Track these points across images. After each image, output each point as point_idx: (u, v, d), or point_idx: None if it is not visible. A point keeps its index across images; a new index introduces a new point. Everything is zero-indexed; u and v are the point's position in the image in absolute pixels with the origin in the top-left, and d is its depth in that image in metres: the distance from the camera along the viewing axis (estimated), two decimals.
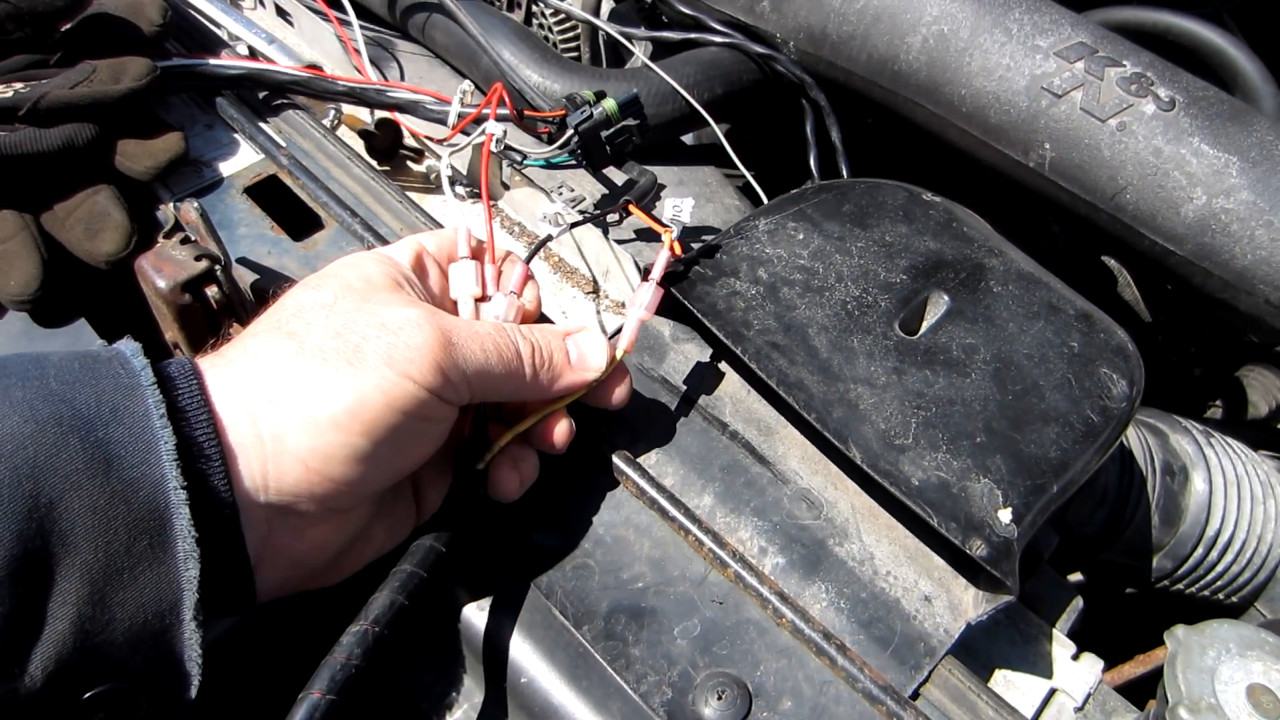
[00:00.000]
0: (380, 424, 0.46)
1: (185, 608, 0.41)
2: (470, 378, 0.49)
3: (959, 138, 0.92)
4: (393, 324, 0.48)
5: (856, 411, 0.57)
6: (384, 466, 0.47)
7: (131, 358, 0.44)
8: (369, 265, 0.52)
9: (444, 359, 0.48)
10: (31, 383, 0.41)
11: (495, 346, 0.51)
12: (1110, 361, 0.63)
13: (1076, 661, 0.62)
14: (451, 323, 0.50)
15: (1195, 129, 0.80)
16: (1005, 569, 0.52)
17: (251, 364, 0.46)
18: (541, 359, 0.53)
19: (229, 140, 0.76)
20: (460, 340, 0.49)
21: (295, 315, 0.48)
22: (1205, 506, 0.87)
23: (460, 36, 0.96)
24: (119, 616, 0.39)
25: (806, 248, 0.65)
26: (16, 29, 0.67)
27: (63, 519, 0.38)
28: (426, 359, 0.47)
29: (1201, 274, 0.82)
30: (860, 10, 0.92)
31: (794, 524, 0.58)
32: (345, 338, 0.47)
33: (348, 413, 0.45)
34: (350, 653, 0.45)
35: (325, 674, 0.44)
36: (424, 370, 0.47)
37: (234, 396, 0.45)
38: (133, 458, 0.40)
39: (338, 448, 0.45)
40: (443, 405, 0.48)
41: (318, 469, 0.45)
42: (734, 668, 0.53)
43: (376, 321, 0.48)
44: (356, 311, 0.48)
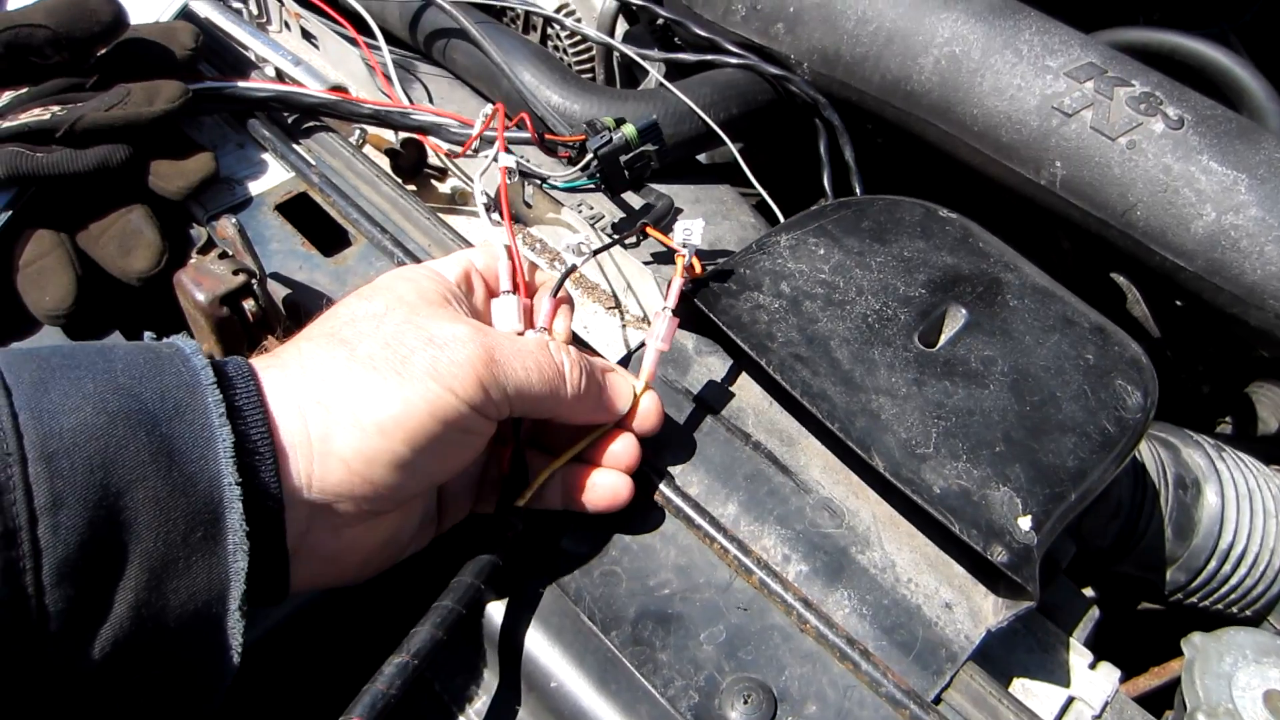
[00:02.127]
0: (422, 433, 0.47)
1: (232, 598, 0.43)
2: (510, 395, 0.51)
3: (971, 156, 0.94)
4: (440, 339, 0.50)
5: (878, 421, 0.58)
6: (422, 473, 0.49)
7: (191, 355, 0.46)
8: (420, 280, 0.54)
9: (486, 375, 0.49)
10: (101, 376, 0.42)
11: (538, 365, 0.53)
12: (1125, 373, 0.64)
13: (1094, 670, 0.63)
14: (496, 339, 0.52)
15: (1204, 147, 0.81)
16: (1025, 574, 0.53)
17: (305, 367, 0.48)
18: (582, 377, 0.55)
19: (259, 159, 0.78)
20: (503, 358, 0.51)
21: (348, 324, 0.51)
22: (1218, 520, 0.87)
23: (481, 59, 0.98)
24: (172, 603, 0.41)
25: (827, 262, 0.66)
26: (55, 53, 0.69)
27: (129, 508, 0.40)
28: (469, 375, 0.49)
29: (1212, 289, 0.83)
30: (873, 32, 0.94)
31: (816, 532, 0.59)
32: (394, 349, 0.49)
33: (393, 420, 0.47)
34: (391, 683, 0.46)
35: (367, 700, 0.45)
36: (466, 385, 0.49)
37: (287, 397, 0.47)
38: (193, 453, 0.42)
39: (381, 452, 0.47)
40: (481, 419, 0.50)
41: (360, 471, 0.47)
42: (759, 672, 0.54)
43: (425, 336, 0.50)
44: (406, 324, 0.50)
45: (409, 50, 1.09)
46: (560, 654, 0.54)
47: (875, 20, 0.94)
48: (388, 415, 0.47)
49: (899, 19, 0.93)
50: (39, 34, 0.65)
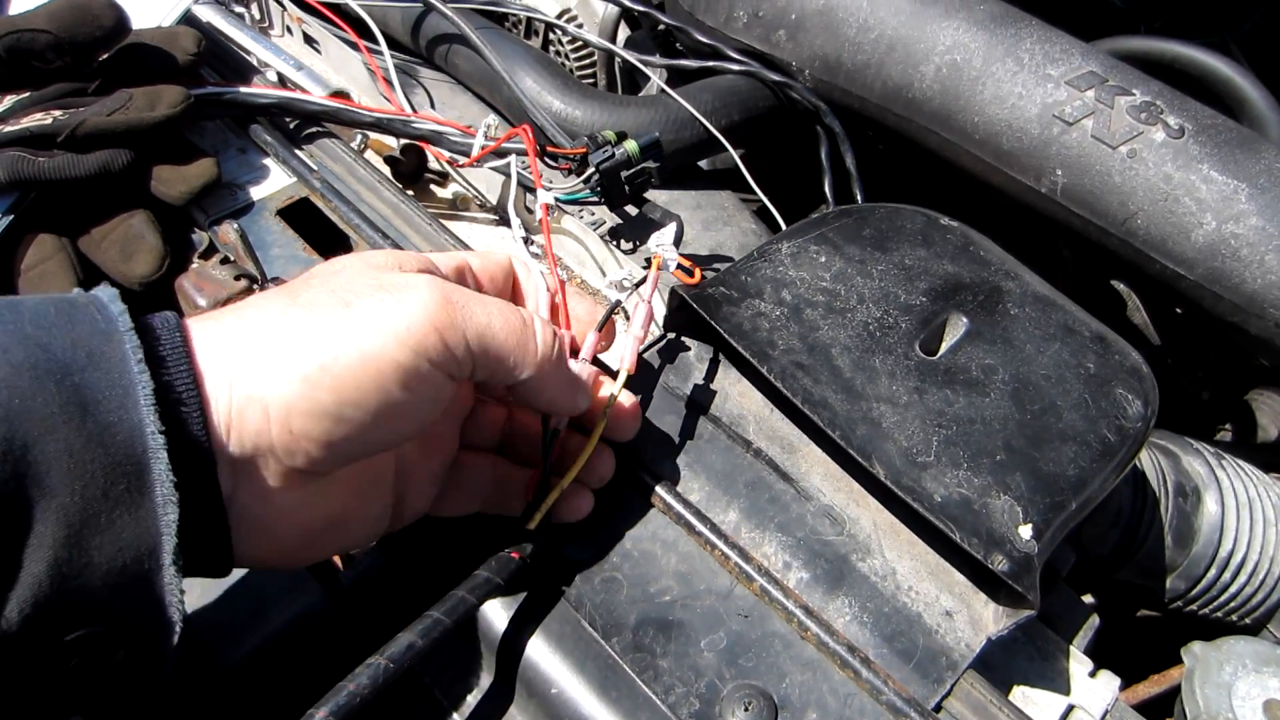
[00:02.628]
0: (352, 381, 0.44)
1: (165, 552, 0.40)
2: (472, 344, 0.47)
3: (971, 164, 0.94)
4: (391, 285, 0.46)
5: (879, 429, 0.58)
6: (353, 431, 0.45)
7: (109, 303, 0.43)
8: (400, 253, 0.52)
9: (442, 319, 0.46)
10: (6, 327, 0.40)
11: (502, 314, 0.49)
12: (1125, 382, 0.64)
13: (1094, 679, 0.63)
14: (455, 287, 0.48)
15: (1204, 156, 0.82)
16: (1026, 583, 0.53)
17: (241, 316, 0.45)
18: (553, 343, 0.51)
19: (261, 164, 0.78)
20: (462, 300, 0.47)
21: (301, 281, 0.48)
22: (1218, 528, 0.87)
23: (483, 65, 0.98)
24: (97, 560, 0.39)
25: (828, 270, 0.66)
26: (57, 58, 0.69)
27: (38, 462, 0.38)
28: (421, 319, 0.45)
29: (1212, 298, 0.84)
30: (875, 40, 0.95)
31: (817, 540, 0.59)
32: (338, 294, 0.46)
33: (319, 365, 0.43)
34: (360, 684, 0.45)
35: (332, 698, 0.45)
36: (415, 330, 0.45)
37: (214, 345, 0.44)
38: (110, 402, 0.40)
39: (302, 399, 0.43)
40: (435, 373, 0.46)
41: (281, 420, 0.43)
42: (760, 680, 0.54)
43: (375, 283, 0.46)
44: (360, 275, 0.47)
45: (411, 55, 1.10)
46: (560, 660, 0.54)
47: (877, 28, 0.95)
48: (313, 360, 0.43)
49: (900, 27, 0.93)
50: (41, 39, 0.65)
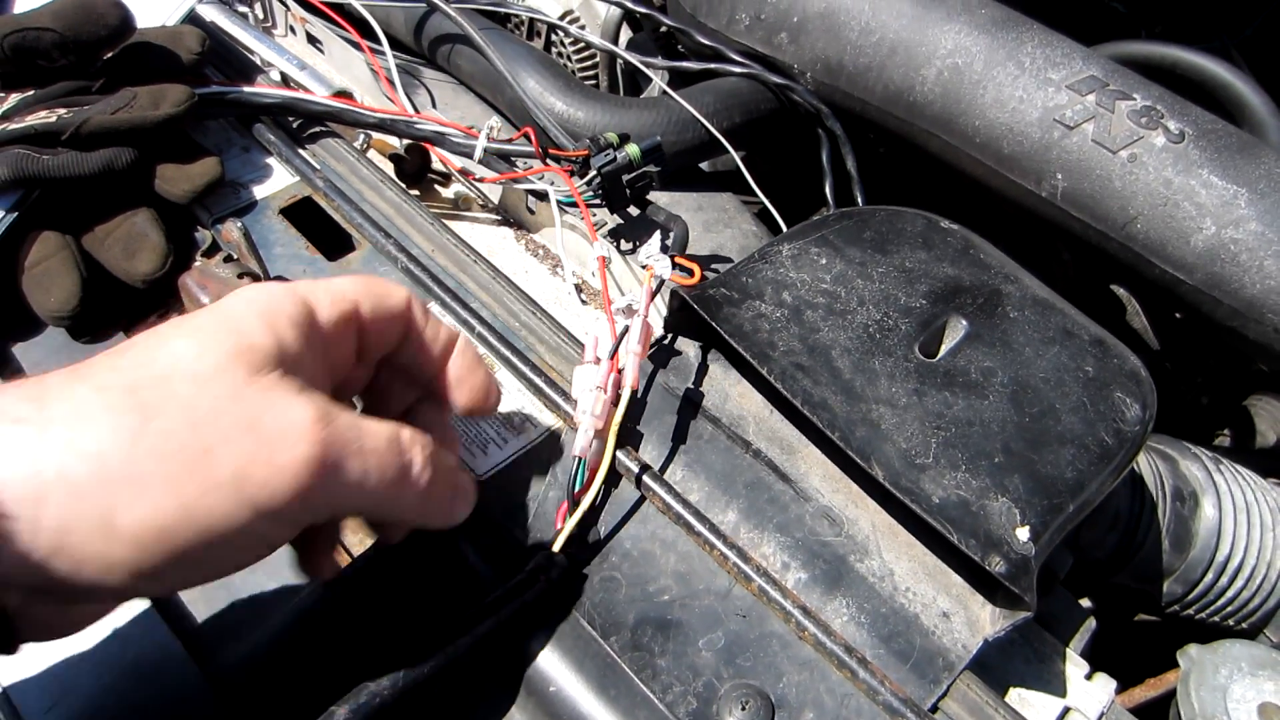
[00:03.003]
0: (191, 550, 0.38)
1: None
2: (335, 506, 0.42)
3: (972, 167, 0.94)
4: (266, 428, 0.39)
5: (878, 431, 0.58)
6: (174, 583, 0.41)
7: None
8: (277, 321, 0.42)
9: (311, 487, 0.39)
10: None
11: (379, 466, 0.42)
12: (1124, 386, 0.65)
13: (1090, 681, 0.63)
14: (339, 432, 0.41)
15: (1205, 161, 0.82)
16: (1023, 585, 0.53)
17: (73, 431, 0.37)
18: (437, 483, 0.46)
19: (264, 163, 0.78)
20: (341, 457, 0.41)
21: (161, 381, 0.39)
22: (1215, 532, 0.88)
23: (485, 66, 0.99)
24: None
25: (829, 272, 0.66)
26: (62, 56, 0.69)
27: None
28: (288, 486, 0.39)
29: (1211, 302, 0.84)
30: (876, 43, 0.95)
31: (816, 540, 0.59)
32: (200, 433, 0.38)
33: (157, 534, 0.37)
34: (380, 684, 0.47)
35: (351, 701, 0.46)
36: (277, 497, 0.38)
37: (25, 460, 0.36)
38: None
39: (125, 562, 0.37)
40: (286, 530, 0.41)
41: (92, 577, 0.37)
42: (757, 679, 0.54)
43: (246, 419, 0.39)
44: (231, 399, 0.39)
45: (414, 56, 1.10)
46: (559, 659, 0.55)
47: (879, 31, 0.95)
48: (152, 526, 0.36)
49: (902, 30, 0.94)
50: (46, 37, 0.66)
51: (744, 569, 0.57)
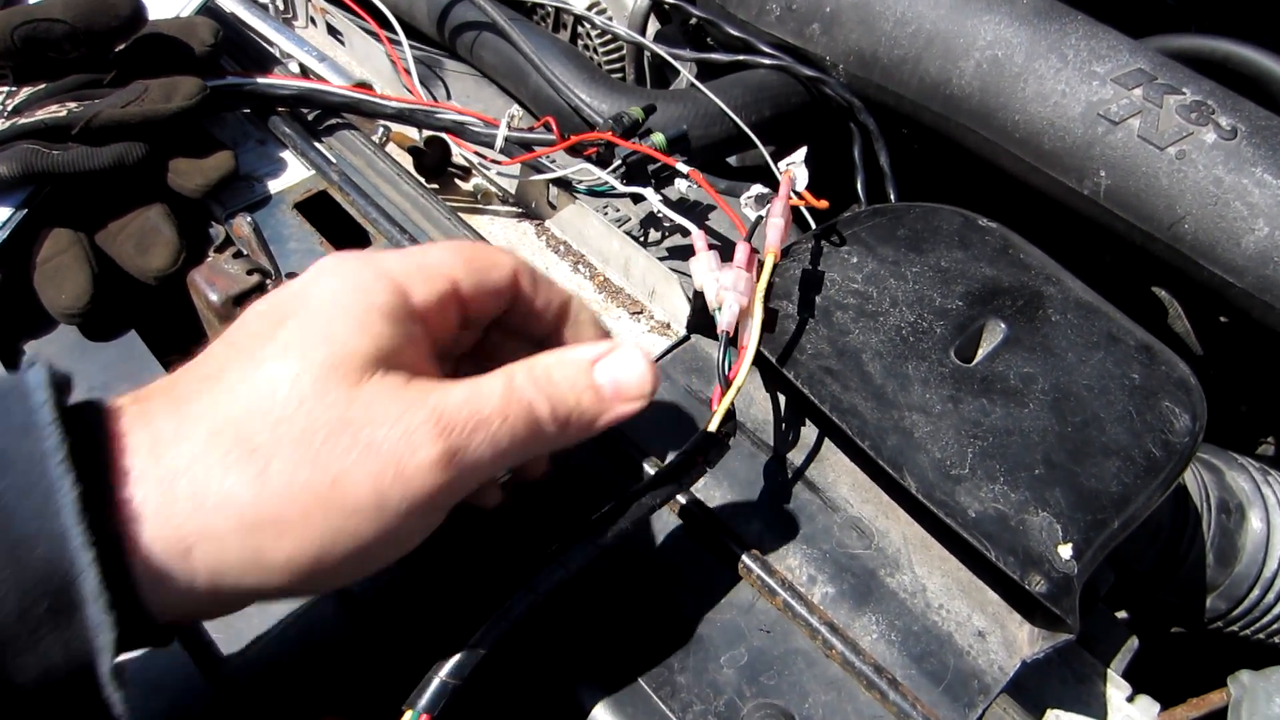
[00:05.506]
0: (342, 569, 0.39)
1: (101, 673, 0.35)
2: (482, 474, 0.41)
3: (1011, 164, 0.91)
4: (383, 446, 0.38)
5: (911, 440, 0.56)
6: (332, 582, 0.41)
7: (33, 391, 0.36)
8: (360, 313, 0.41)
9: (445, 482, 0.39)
10: None
11: (507, 429, 0.41)
12: (1172, 395, 0.61)
13: (1132, 704, 0.61)
14: (454, 419, 0.40)
15: (1258, 158, 0.78)
16: (1065, 606, 0.51)
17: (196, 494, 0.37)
18: (558, 416, 0.44)
19: (280, 156, 0.76)
20: (467, 442, 0.40)
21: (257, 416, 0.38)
22: (1262, 546, 0.84)
23: (509, 56, 0.97)
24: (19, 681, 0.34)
25: (860, 271, 0.64)
26: (73, 48, 0.67)
27: None
28: (421, 492, 0.39)
29: (1262, 307, 0.80)
30: (913, 34, 0.92)
31: (844, 553, 0.57)
32: (323, 468, 0.37)
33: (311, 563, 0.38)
34: None
35: None
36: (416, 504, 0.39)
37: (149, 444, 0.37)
38: (24, 511, 0.34)
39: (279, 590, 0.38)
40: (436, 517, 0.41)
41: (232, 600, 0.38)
42: (781, 698, 0.52)
43: (362, 441, 0.38)
44: (336, 429, 0.38)
45: (437, 48, 1.08)
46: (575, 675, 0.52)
47: (915, 22, 0.92)
48: (301, 560, 0.37)
49: (940, 20, 0.90)
50: (57, 29, 0.64)
51: (768, 582, 0.55)
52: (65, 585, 0.34)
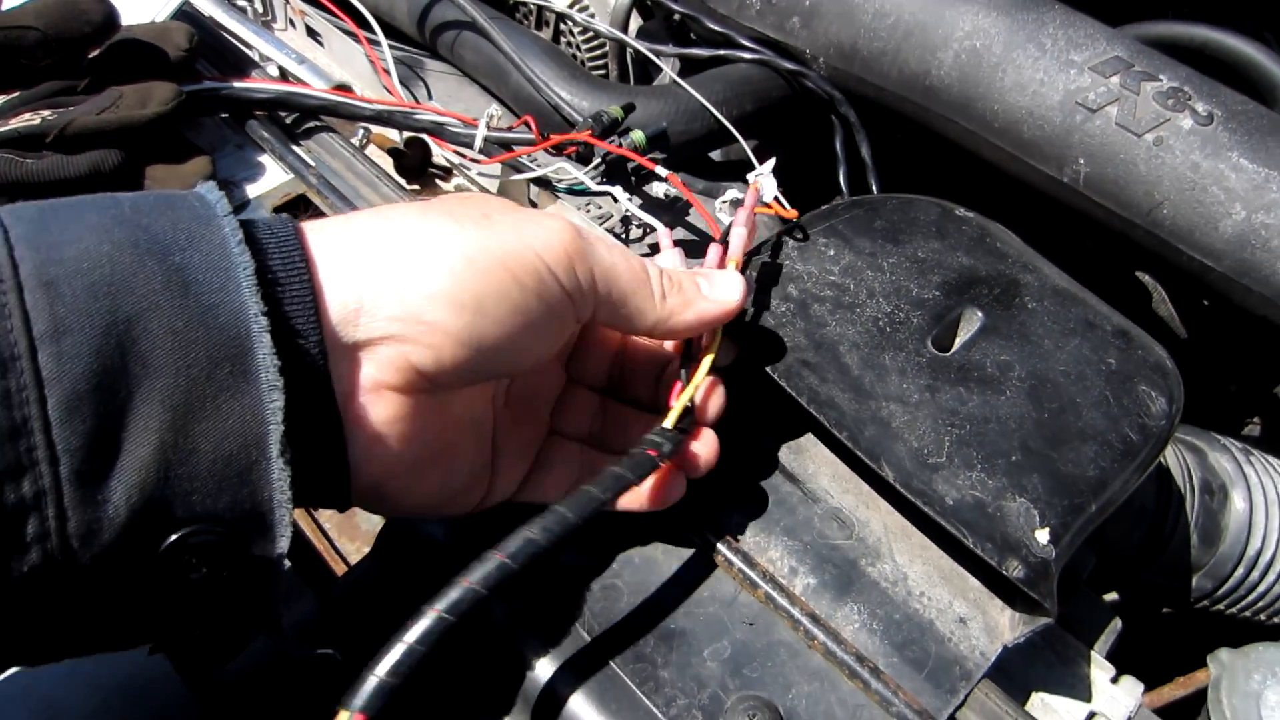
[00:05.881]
0: (495, 282, 0.43)
1: (271, 442, 0.38)
2: (597, 278, 0.47)
3: (991, 153, 0.91)
4: (525, 212, 0.47)
5: (889, 430, 0.56)
6: (485, 334, 0.44)
7: (207, 194, 0.42)
8: None
9: (574, 248, 0.46)
10: (107, 210, 0.39)
11: (624, 257, 0.49)
12: (1149, 379, 0.62)
13: (1116, 685, 0.61)
14: (582, 228, 0.48)
15: (1234, 144, 0.79)
16: (1043, 590, 0.51)
17: (362, 216, 0.45)
18: (670, 283, 0.51)
19: (258, 161, 0.76)
20: (592, 240, 0.48)
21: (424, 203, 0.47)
22: (1245, 526, 0.85)
23: (489, 55, 0.97)
24: (203, 448, 0.37)
25: (837, 264, 0.64)
26: (45, 55, 0.67)
27: (142, 339, 0.36)
28: (555, 240, 0.45)
29: (1241, 290, 0.81)
30: (891, 26, 0.92)
31: (825, 544, 0.57)
32: (476, 207, 0.45)
33: (464, 259, 0.43)
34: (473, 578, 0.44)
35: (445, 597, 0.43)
36: (551, 248, 0.45)
37: (333, 237, 0.43)
38: (211, 283, 0.38)
39: (443, 290, 0.42)
40: (563, 298, 0.46)
41: (415, 309, 0.42)
42: (765, 690, 0.52)
43: (508, 205, 0.47)
44: (491, 202, 0.47)
45: (418, 48, 1.08)
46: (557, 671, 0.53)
47: (894, 13, 0.92)
48: (460, 255, 0.43)
49: (918, 12, 0.91)
50: (29, 36, 0.64)
51: (750, 575, 0.55)
52: (243, 352, 0.38)
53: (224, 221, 0.40)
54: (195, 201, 0.41)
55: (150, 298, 0.37)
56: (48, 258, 0.36)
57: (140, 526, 0.36)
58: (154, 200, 0.40)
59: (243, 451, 0.38)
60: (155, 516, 0.37)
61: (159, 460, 0.36)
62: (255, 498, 0.39)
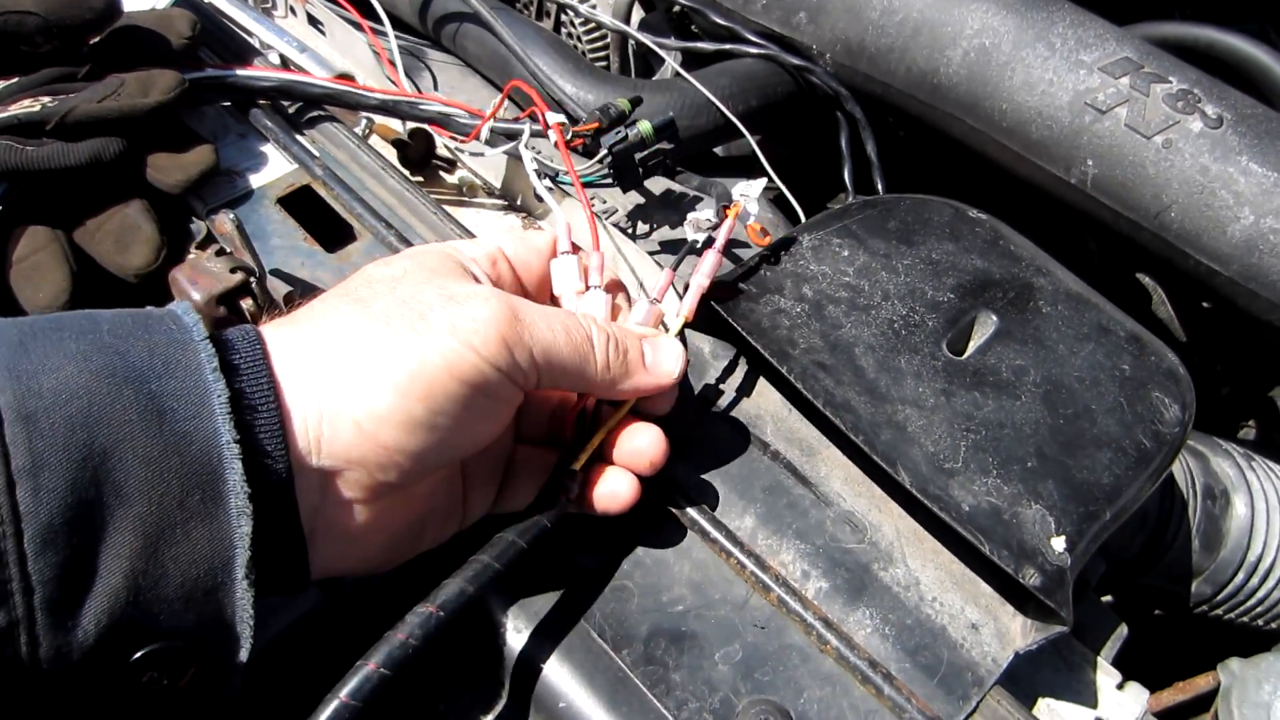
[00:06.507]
0: (440, 391, 0.45)
1: (237, 565, 0.40)
2: (537, 357, 0.48)
3: (998, 153, 0.91)
4: (460, 296, 0.47)
5: (905, 434, 0.55)
6: (441, 440, 0.46)
7: (183, 315, 0.43)
8: (443, 250, 0.52)
9: (510, 334, 0.46)
10: (85, 336, 0.40)
11: (565, 329, 0.50)
12: (1162, 385, 0.62)
13: (1121, 691, 0.61)
14: (520, 301, 0.49)
15: (1244, 147, 0.78)
16: (1059, 599, 0.51)
17: (316, 324, 0.46)
18: (615, 352, 0.52)
19: (261, 150, 0.75)
20: (528, 318, 0.48)
21: (364, 285, 0.48)
22: (1247, 531, 0.85)
23: (493, 46, 0.95)
24: (171, 572, 0.39)
25: (852, 265, 0.63)
26: (46, 41, 0.66)
27: (116, 469, 0.38)
28: (492, 331, 0.46)
29: (1247, 295, 0.80)
30: (900, 23, 0.91)
31: (837, 547, 0.57)
32: (411, 305, 0.46)
33: (409, 375, 0.44)
34: (411, 633, 0.44)
35: (384, 649, 0.43)
36: (488, 342, 0.46)
37: (293, 354, 0.44)
38: (185, 410, 0.40)
39: (395, 411, 0.44)
40: (507, 383, 0.47)
41: (371, 432, 0.44)
42: (776, 695, 0.51)
43: (444, 294, 0.47)
44: (424, 284, 0.48)
45: (420, 38, 1.07)
46: (569, 673, 0.52)
47: (902, 10, 0.91)
48: (403, 371, 0.44)
49: (927, 9, 0.90)
50: (29, 21, 0.63)
51: (762, 578, 0.54)
52: (215, 479, 0.39)
53: (200, 346, 0.41)
54: (171, 324, 0.42)
55: (126, 428, 0.38)
56: (27, 389, 0.37)
57: (108, 645, 0.38)
58: (131, 322, 0.42)
59: (209, 575, 0.40)
60: (123, 635, 0.38)
61: (129, 586, 0.38)
62: (220, 615, 0.41)
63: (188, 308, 0.44)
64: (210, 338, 0.42)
